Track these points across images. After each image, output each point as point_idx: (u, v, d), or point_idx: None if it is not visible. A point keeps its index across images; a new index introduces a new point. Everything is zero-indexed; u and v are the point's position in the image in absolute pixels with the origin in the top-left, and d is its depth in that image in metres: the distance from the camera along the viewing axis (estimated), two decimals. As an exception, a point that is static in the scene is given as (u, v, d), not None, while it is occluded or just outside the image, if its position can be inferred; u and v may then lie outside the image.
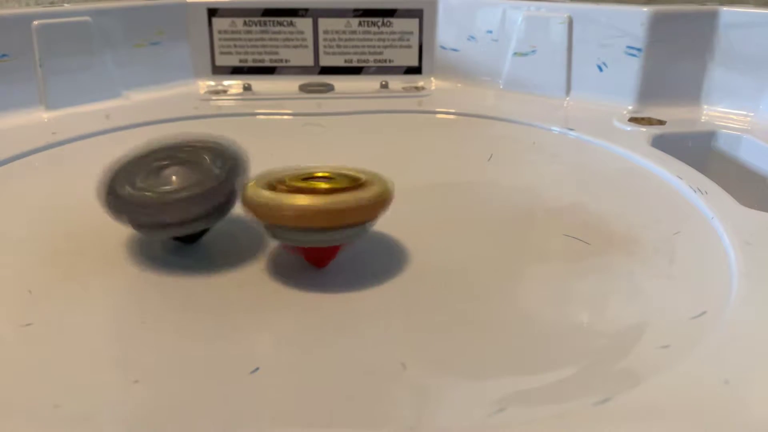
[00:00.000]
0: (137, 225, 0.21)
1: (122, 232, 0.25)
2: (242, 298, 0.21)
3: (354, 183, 0.21)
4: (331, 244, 0.21)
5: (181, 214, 0.21)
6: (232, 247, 0.24)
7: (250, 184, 0.21)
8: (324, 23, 0.48)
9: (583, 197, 0.29)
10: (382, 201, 0.21)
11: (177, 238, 0.23)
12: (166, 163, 0.22)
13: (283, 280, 0.22)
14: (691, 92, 0.41)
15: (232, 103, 0.45)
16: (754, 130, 0.37)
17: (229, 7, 0.47)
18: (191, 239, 0.23)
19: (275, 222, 0.21)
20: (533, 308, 0.21)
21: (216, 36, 0.47)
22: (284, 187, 0.21)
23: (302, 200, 0.20)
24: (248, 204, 0.21)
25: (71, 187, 0.30)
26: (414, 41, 0.49)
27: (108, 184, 0.21)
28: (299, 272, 0.22)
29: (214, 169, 0.21)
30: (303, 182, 0.21)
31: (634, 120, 0.39)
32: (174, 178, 0.21)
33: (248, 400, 0.16)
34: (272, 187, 0.21)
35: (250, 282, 0.22)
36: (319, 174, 0.22)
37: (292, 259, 0.22)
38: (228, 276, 0.22)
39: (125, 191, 0.21)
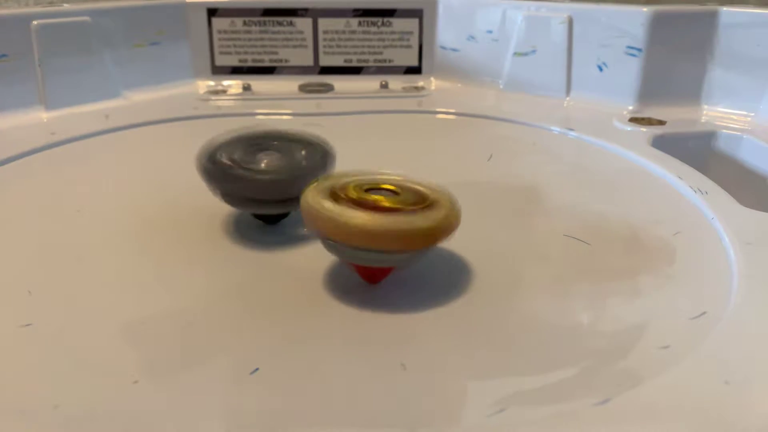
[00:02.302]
0: (225, 195, 0.24)
1: (124, 233, 0.25)
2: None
3: (420, 201, 0.20)
4: (386, 265, 0.20)
5: (264, 194, 0.23)
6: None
7: (311, 188, 0.20)
8: (324, 23, 0.48)
9: (584, 197, 0.29)
10: (445, 229, 0.19)
11: (258, 217, 0.25)
12: (262, 146, 0.24)
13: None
14: (692, 92, 0.41)
15: (231, 103, 0.45)
16: (755, 131, 0.37)
17: (229, 7, 0.47)
18: (272, 220, 0.25)
19: (330, 236, 0.19)
20: (533, 308, 0.21)
21: (215, 36, 0.47)
22: (346, 197, 0.20)
23: (361, 218, 0.18)
24: (305, 211, 0.20)
25: (70, 188, 0.30)
26: (414, 41, 0.49)
27: (209, 152, 0.24)
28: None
29: (302, 161, 0.24)
30: (367, 194, 0.20)
31: (634, 120, 0.39)
32: (266, 160, 0.24)
33: (248, 401, 0.16)
34: (334, 194, 0.20)
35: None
36: (385, 186, 0.21)
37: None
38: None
39: (223, 161, 0.23)
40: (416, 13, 0.48)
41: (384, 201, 0.20)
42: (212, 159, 0.23)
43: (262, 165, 0.23)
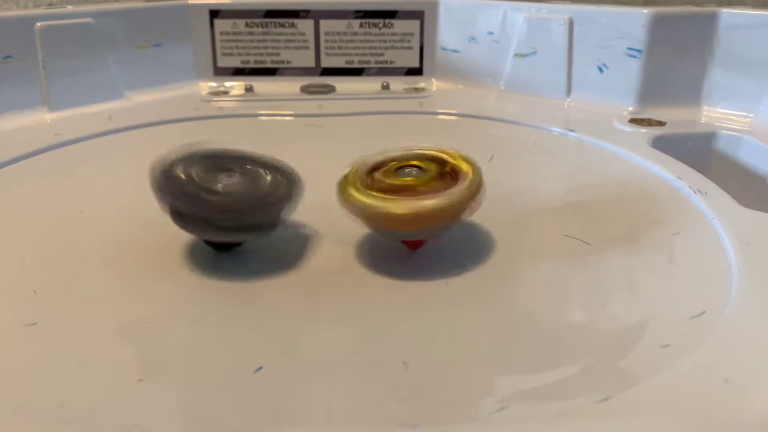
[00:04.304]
0: (177, 213, 0.21)
1: (127, 234, 0.26)
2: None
3: (442, 170, 0.22)
4: (424, 238, 0.23)
5: (218, 218, 0.21)
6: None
7: (347, 180, 0.22)
8: (325, 24, 0.48)
9: (584, 198, 0.29)
10: (474, 199, 0.22)
11: (209, 244, 0.23)
12: (226, 167, 0.22)
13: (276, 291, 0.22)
14: (691, 93, 0.41)
15: (233, 104, 0.45)
16: (754, 131, 0.38)
17: (231, 8, 0.47)
18: (224, 247, 0.23)
19: (373, 224, 0.22)
20: (534, 308, 0.21)
21: (218, 37, 0.48)
22: (378, 184, 0.22)
23: (398, 209, 0.21)
24: (346, 204, 0.22)
25: (74, 188, 0.30)
26: (415, 42, 0.49)
27: (164, 165, 0.22)
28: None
29: (267, 188, 0.22)
30: (396, 178, 0.22)
31: (634, 121, 0.39)
32: (227, 181, 0.21)
33: (251, 399, 0.17)
34: (366, 182, 0.22)
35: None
36: (410, 163, 0.23)
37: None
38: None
39: (178, 174, 0.21)
40: (417, 15, 0.49)
41: (411, 181, 0.22)
42: (166, 171, 0.21)
43: (219, 186, 0.21)
